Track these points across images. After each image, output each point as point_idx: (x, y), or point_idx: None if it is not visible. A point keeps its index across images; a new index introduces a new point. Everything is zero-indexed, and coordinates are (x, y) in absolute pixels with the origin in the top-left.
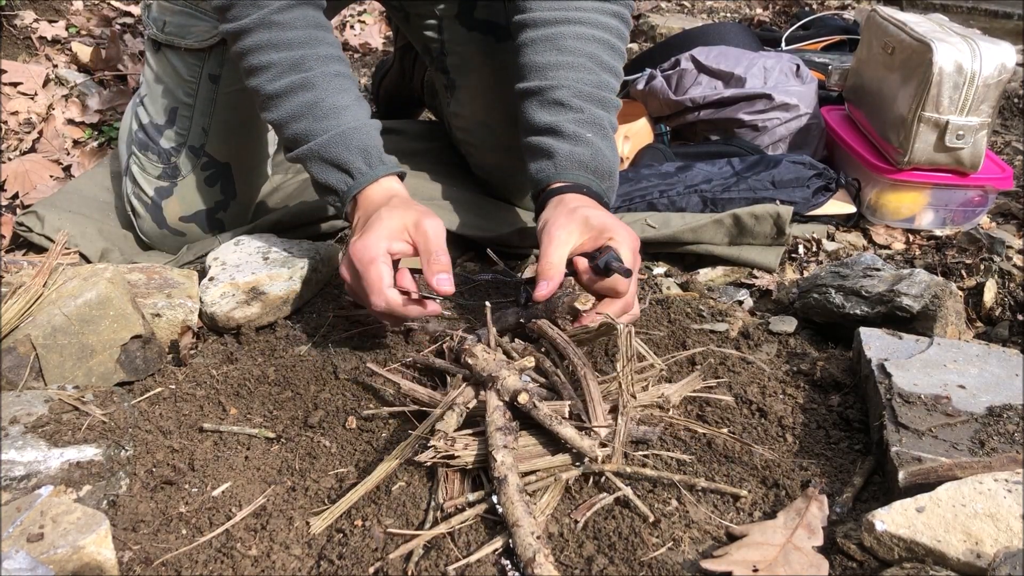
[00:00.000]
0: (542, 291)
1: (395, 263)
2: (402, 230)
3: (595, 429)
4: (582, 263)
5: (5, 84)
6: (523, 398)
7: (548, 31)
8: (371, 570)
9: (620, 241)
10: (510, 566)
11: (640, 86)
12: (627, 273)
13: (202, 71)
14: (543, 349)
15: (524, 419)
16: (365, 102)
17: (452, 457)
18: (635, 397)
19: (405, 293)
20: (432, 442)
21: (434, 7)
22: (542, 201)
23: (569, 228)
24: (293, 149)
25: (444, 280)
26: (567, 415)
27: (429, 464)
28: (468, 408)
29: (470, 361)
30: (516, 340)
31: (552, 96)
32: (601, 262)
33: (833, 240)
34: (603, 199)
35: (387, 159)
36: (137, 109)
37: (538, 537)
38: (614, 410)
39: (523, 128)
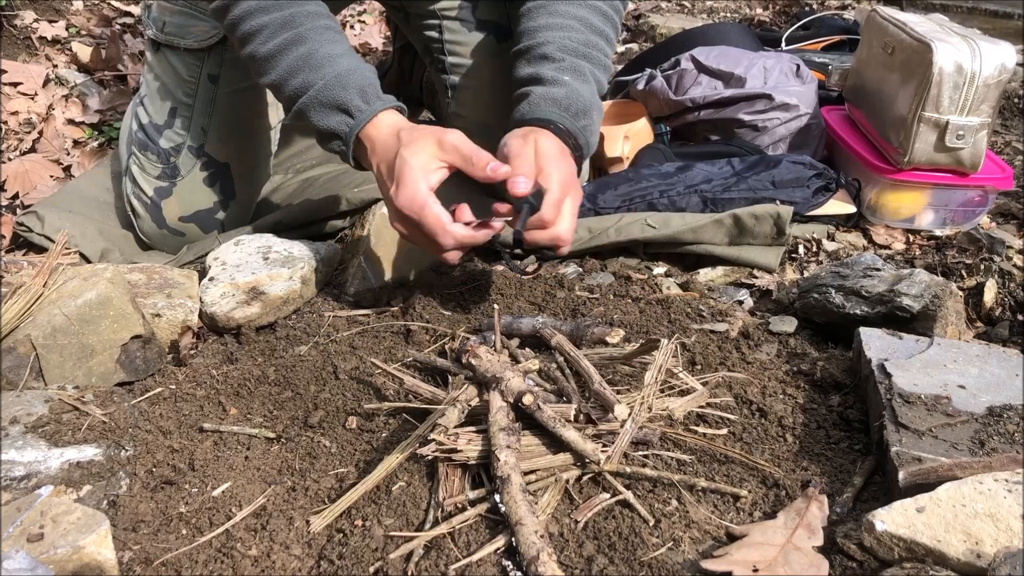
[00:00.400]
0: (520, 187)
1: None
2: (431, 159)
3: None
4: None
5: (5, 84)
6: (528, 399)
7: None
8: (371, 570)
9: (549, 173)
10: (511, 566)
11: (640, 86)
12: (533, 210)
13: (201, 71)
14: (555, 363)
15: (526, 420)
16: (357, 54)
17: (454, 452)
18: (651, 409)
19: (467, 224)
20: (433, 436)
21: (435, 7)
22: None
23: (523, 152)
24: (294, 103)
25: (496, 167)
26: (572, 418)
27: (430, 458)
28: (470, 406)
29: (474, 362)
30: (526, 348)
31: (537, 52)
32: (519, 204)
33: (833, 240)
34: (574, 135)
35: (385, 96)
36: (137, 109)
37: (541, 536)
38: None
39: (512, 87)
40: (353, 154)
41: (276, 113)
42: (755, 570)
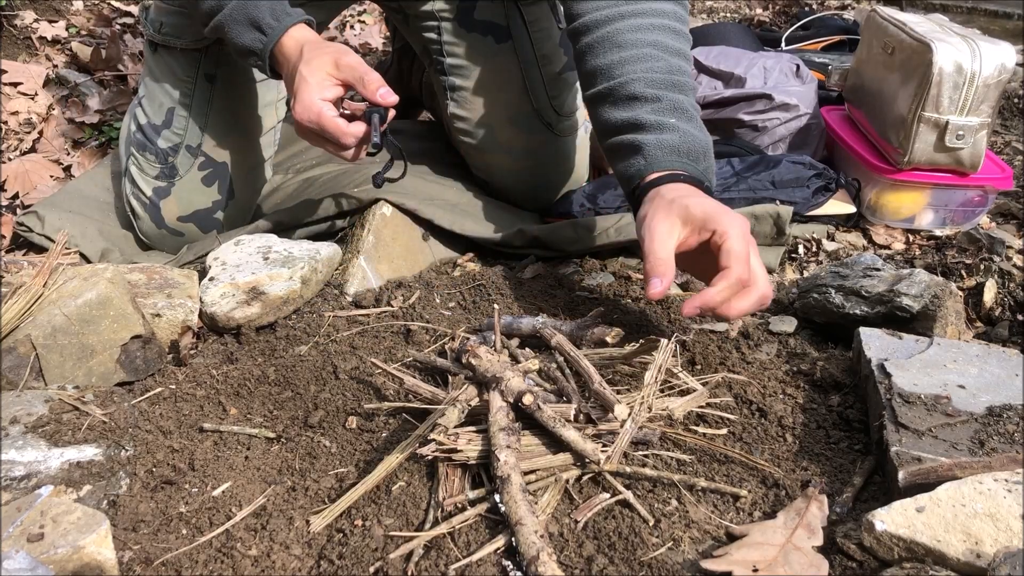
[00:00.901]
0: (655, 289)
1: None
2: (326, 78)
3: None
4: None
5: (5, 84)
6: (528, 399)
7: (603, 31)
8: (371, 570)
9: (725, 229)
10: (511, 566)
11: None
12: (382, 119)
13: (198, 70)
14: (555, 363)
15: (526, 419)
16: None
17: (454, 452)
18: (651, 409)
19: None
20: (433, 436)
21: (433, 8)
22: (637, 197)
23: (670, 221)
24: (211, 20)
25: (385, 92)
26: (572, 418)
27: (430, 458)
28: (470, 405)
29: (473, 362)
30: (526, 348)
31: (623, 92)
32: (367, 114)
33: (833, 240)
34: (702, 182)
35: (293, 11)
36: (135, 111)
37: (541, 536)
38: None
39: (601, 133)
40: (271, 65)
41: (276, 113)
42: (755, 570)
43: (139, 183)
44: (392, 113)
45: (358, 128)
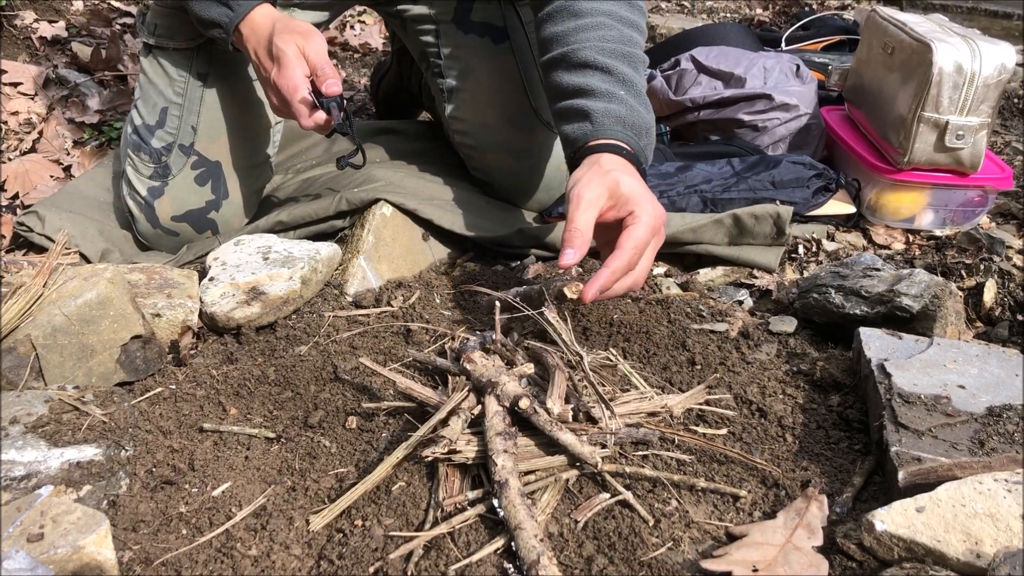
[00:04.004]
0: (568, 259)
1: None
2: (300, 56)
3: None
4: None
5: (5, 84)
6: (524, 403)
7: (562, 2)
8: (371, 570)
9: (639, 215)
10: (512, 569)
11: None
12: (340, 107)
13: (190, 69)
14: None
15: (522, 420)
16: None
17: (453, 452)
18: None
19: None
20: (437, 449)
21: (431, 12)
22: (577, 160)
23: (599, 191)
24: None
25: (333, 83)
26: (570, 419)
27: (431, 459)
28: (473, 414)
29: (469, 367)
30: (527, 341)
31: (576, 58)
32: (326, 104)
33: (833, 240)
34: (640, 158)
35: None
36: (132, 112)
37: (541, 540)
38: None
39: (552, 96)
40: (231, 39)
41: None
42: (755, 570)
43: (134, 183)
44: (345, 102)
45: (320, 116)
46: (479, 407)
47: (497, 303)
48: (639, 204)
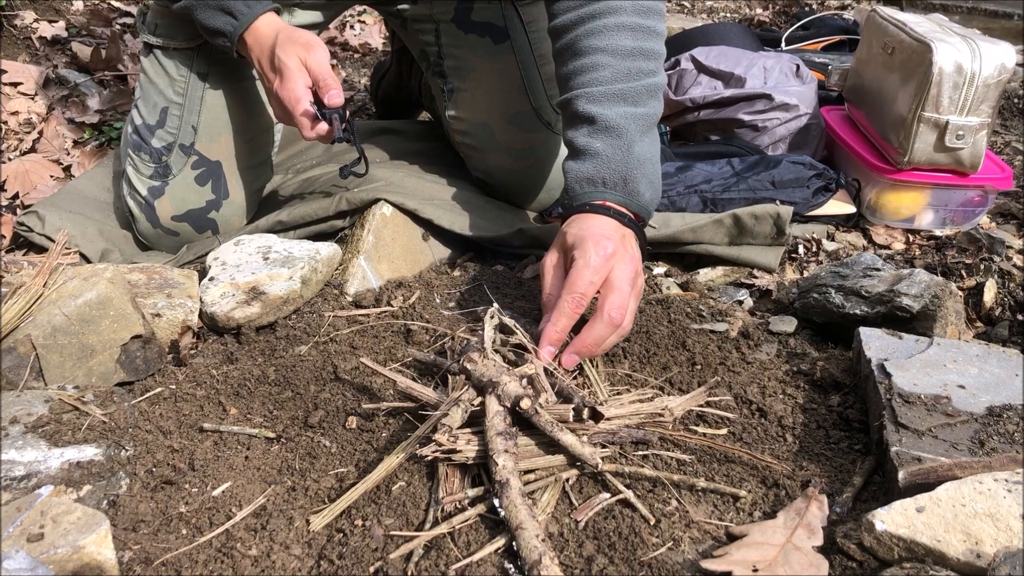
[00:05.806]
0: (547, 357)
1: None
2: (302, 67)
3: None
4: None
5: (5, 84)
6: (525, 403)
7: (567, 38)
8: (371, 570)
9: (576, 256)
10: (513, 569)
11: None
12: (342, 118)
13: (191, 69)
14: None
15: (522, 420)
16: None
17: (454, 452)
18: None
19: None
20: (435, 436)
21: (431, 11)
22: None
23: (557, 260)
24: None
25: (335, 94)
26: (571, 418)
27: (431, 458)
28: (473, 405)
29: (469, 367)
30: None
31: (569, 111)
32: (328, 115)
33: (833, 240)
34: (625, 205)
35: None
36: (132, 112)
37: (543, 540)
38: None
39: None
40: (236, 48)
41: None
42: (755, 570)
43: (135, 183)
44: (348, 113)
45: (321, 128)
46: (479, 401)
47: (495, 304)
48: (579, 247)
